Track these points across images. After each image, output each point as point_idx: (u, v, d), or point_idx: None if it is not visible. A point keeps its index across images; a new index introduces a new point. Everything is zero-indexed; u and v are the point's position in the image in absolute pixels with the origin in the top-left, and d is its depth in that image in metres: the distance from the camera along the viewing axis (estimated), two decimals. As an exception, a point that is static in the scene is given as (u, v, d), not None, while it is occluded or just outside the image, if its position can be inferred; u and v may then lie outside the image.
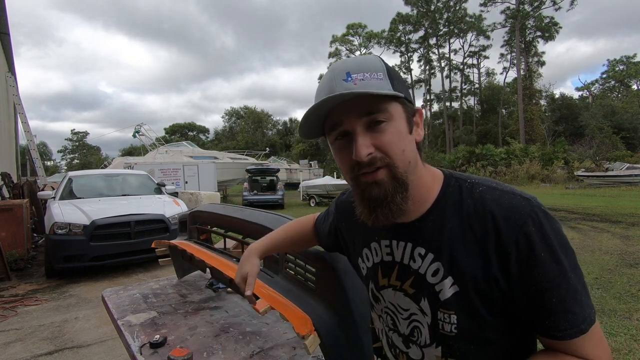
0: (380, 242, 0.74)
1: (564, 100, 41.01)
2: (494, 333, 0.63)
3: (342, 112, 0.61)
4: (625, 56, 43.06)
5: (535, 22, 37.02)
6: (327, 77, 0.64)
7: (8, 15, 10.68)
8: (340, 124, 0.62)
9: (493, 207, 0.60)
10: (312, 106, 0.62)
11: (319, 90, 0.65)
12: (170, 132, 61.31)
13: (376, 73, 0.61)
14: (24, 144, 15.80)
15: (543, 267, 0.56)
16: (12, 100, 12.73)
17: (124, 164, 15.69)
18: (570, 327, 0.56)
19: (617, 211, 9.51)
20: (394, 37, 43.06)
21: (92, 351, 2.94)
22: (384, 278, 0.74)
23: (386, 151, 0.60)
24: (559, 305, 0.56)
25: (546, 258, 0.56)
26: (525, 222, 0.58)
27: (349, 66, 0.62)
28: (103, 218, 5.00)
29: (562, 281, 0.56)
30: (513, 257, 0.58)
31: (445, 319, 0.64)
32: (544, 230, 0.57)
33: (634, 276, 4.25)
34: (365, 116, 0.60)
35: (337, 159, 0.67)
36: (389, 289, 0.73)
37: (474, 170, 24.40)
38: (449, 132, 41.27)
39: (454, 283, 0.62)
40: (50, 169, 50.12)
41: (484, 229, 0.60)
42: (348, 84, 0.60)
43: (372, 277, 0.78)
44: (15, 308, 3.90)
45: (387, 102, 0.60)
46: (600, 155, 23.83)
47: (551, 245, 0.57)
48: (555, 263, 0.57)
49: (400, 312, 0.72)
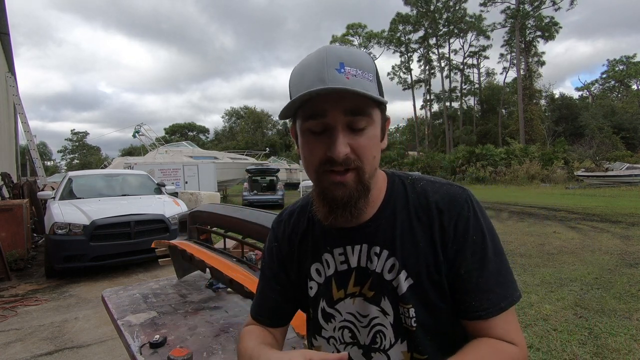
0: (333, 252, 0.71)
1: (564, 100, 41.02)
2: (447, 324, 0.65)
3: (328, 103, 0.57)
4: (625, 56, 43.09)
5: (535, 22, 37.02)
6: (317, 61, 0.59)
7: (8, 16, 10.68)
8: (322, 114, 0.58)
9: (436, 197, 0.66)
10: (300, 94, 0.56)
11: (304, 70, 0.60)
12: (170, 132, 61.30)
13: (368, 73, 0.59)
14: (24, 144, 15.79)
15: (472, 248, 0.62)
16: (12, 100, 12.74)
17: (124, 164, 15.68)
18: (491, 305, 0.61)
19: (617, 211, 9.51)
20: (393, 37, 43.02)
21: (92, 351, 2.94)
22: (340, 290, 0.72)
23: (360, 155, 0.59)
24: (484, 284, 0.61)
25: (477, 240, 0.63)
26: (462, 207, 0.64)
27: (343, 56, 0.58)
28: (103, 218, 5.00)
29: (488, 262, 0.62)
30: (450, 239, 0.63)
31: (405, 313, 0.65)
32: (477, 215, 0.64)
33: (634, 276, 4.25)
34: (350, 115, 0.58)
35: (305, 149, 0.63)
36: (347, 299, 0.71)
37: (474, 170, 24.42)
38: (449, 132, 41.25)
39: (408, 276, 0.64)
40: (50, 169, 50.10)
41: (429, 218, 0.65)
42: (340, 76, 0.56)
43: (323, 294, 0.74)
44: (15, 308, 3.90)
45: (372, 106, 0.60)
46: (600, 155, 23.83)
47: (482, 229, 0.63)
48: (483, 245, 0.63)
49: (360, 320, 0.70)
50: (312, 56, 0.61)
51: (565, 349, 2.65)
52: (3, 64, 12.32)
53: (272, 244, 0.83)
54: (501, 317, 0.61)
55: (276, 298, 0.79)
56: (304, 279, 0.77)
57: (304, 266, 0.76)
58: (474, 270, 0.62)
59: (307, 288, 0.76)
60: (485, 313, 0.61)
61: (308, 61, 0.61)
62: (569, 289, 3.91)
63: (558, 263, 4.93)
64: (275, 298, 0.79)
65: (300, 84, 0.60)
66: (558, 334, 2.87)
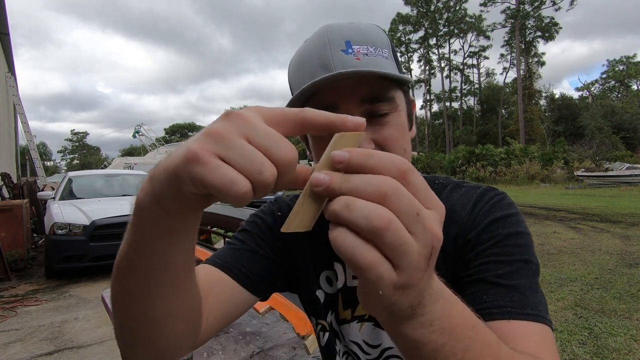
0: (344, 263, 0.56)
1: (564, 100, 41.07)
2: None
3: (338, 93, 0.47)
4: (625, 56, 43.13)
5: (535, 22, 37.05)
6: (319, 43, 0.49)
7: (8, 16, 10.68)
8: (333, 107, 0.47)
9: (462, 200, 0.54)
10: (304, 87, 0.47)
11: (304, 58, 0.50)
12: (170, 133, 61.35)
13: (382, 49, 0.49)
14: (24, 144, 15.79)
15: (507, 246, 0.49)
16: (12, 100, 12.73)
17: (124, 164, 15.70)
18: (512, 305, 0.43)
19: (617, 211, 9.50)
20: (394, 37, 43.06)
21: (92, 351, 2.93)
22: (347, 309, 0.59)
23: (387, 149, 0.48)
24: (508, 278, 0.45)
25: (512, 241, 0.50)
26: (494, 206, 0.52)
27: (349, 34, 0.48)
28: (103, 218, 5.00)
29: (524, 265, 0.47)
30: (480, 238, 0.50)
31: None
32: (509, 218, 0.52)
33: (634, 276, 4.25)
34: (367, 103, 0.48)
35: (317, 149, 0.52)
36: (353, 323, 0.58)
37: (474, 170, 24.40)
38: (448, 132, 41.28)
39: None
40: (50, 169, 50.12)
41: (458, 223, 0.52)
42: (348, 58, 0.46)
43: (332, 307, 0.61)
44: (15, 308, 3.90)
45: (393, 88, 0.49)
46: (600, 155, 23.83)
47: (514, 232, 0.50)
48: (519, 247, 0.49)
49: (368, 351, 0.57)
50: (312, 39, 0.51)
51: (565, 349, 2.65)
52: (3, 64, 12.31)
53: (263, 218, 0.64)
54: (529, 325, 0.42)
55: (255, 258, 0.59)
56: (310, 284, 0.63)
57: (313, 268, 0.63)
58: (497, 263, 0.47)
59: (315, 298, 0.63)
60: (500, 312, 0.43)
61: (307, 46, 0.51)
62: (569, 289, 3.91)
63: (558, 263, 4.93)
64: (254, 258, 0.59)
65: (301, 75, 0.50)
66: (558, 334, 2.87)
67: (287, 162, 0.25)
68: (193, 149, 0.24)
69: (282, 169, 0.25)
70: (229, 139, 0.24)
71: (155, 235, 0.32)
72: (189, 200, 0.27)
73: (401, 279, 0.25)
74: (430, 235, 0.25)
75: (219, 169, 0.23)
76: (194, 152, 0.24)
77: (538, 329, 0.42)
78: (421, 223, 0.25)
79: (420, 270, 0.25)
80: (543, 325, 0.43)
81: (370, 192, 0.24)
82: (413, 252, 0.24)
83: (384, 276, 0.24)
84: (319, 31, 0.50)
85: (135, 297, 0.38)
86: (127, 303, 0.39)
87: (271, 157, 0.25)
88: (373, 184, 0.24)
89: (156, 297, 0.38)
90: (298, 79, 0.51)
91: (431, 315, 0.29)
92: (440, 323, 0.29)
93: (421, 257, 0.25)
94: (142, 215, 0.31)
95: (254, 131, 0.25)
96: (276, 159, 0.25)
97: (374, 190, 0.24)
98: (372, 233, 0.23)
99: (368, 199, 0.24)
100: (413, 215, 0.24)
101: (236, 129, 0.25)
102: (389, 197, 0.24)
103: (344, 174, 0.25)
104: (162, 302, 0.39)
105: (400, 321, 0.29)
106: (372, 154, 0.26)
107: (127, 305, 0.39)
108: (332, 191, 0.25)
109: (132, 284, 0.37)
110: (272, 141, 0.25)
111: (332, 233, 0.25)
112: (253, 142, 0.25)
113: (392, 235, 0.23)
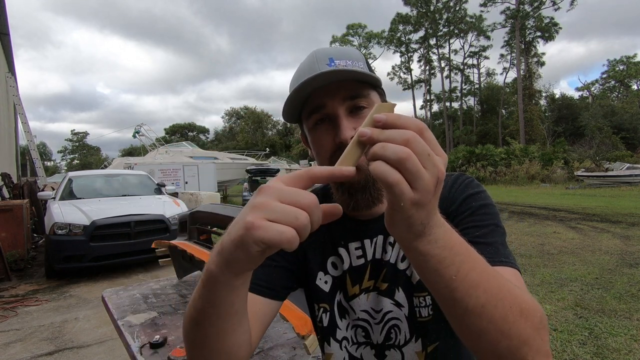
0: (348, 247, 0.71)
1: (564, 100, 41.00)
2: None
3: (325, 95, 0.61)
4: (625, 56, 43.06)
5: (535, 22, 37.03)
6: (308, 62, 0.63)
7: (8, 17, 10.68)
8: (322, 107, 0.62)
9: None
10: (297, 86, 0.59)
11: (299, 74, 0.64)
12: (170, 133, 61.35)
13: (357, 62, 0.63)
14: (24, 145, 15.79)
15: (481, 215, 0.62)
16: (12, 100, 12.73)
17: (124, 164, 15.69)
18: (489, 255, 0.54)
19: (617, 211, 9.50)
20: (394, 37, 43.08)
21: (92, 351, 2.94)
22: (354, 285, 0.71)
23: None
24: (484, 237, 0.58)
25: (483, 212, 0.63)
26: (467, 185, 0.66)
27: (331, 52, 0.63)
28: (103, 218, 5.00)
29: (495, 228, 0.61)
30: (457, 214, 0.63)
31: (421, 303, 0.65)
32: (480, 192, 0.66)
33: (634, 276, 4.25)
34: (349, 100, 0.61)
35: (316, 145, 0.65)
36: (362, 295, 0.70)
37: (474, 170, 24.40)
38: (448, 132, 41.28)
39: None
40: (50, 170, 50.15)
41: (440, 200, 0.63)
42: (331, 69, 0.59)
43: (340, 287, 0.72)
44: (15, 308, 3.90)
45: (369, 89, 0.63)
46: (600, 155, 23.82)
47: (487, 203, 0.64)
48: (492, 215, 0.63)
49: (374, 316, 0.69)
50: (304, 61, 0.66)
51: (565, 349, 2.65)
52: (3, 64, 12.32)
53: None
54: (502, 268, 0.54)
55: (273, 265, 0.70)
56: (316, 273, 0.73)
57: (318, 259, 0.73)
58: (476, 228, 0.60)
59: (320, 285, 0.73)
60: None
61: (301, 65, 0.66)
62: (569, 289, 3.91)
63: (558, 263, 4.93)
64: (270, 271, 0.70)
65: (296, 84, 0.63)
66: (558, 334, 2.87)
67: (312, 205, 0.36)
68: (249, 220, 0.35)
69: (310, 210, 0.35)
70: (268, 204, 0.35)
71: (225, 292, 0.44)
72: (252, 258, 0.37)
73: (416, 195, 0.35)
74: (437, 170, 0.35)
75: (271, 227, 0.34)
76: (250, 222, 0.35)
77: (511, 272, 0.55)
78: (431, 160, 0.35)
79: (430, 193, 0.35)
80: (514, 269, 0.56)
81: (397, 139, 0.35)
82: (425, 178, 0.34)
83: (405, 191, 0.34)
84: (309, 54, 0.65)
85: (211, 337, 0.50)
86: (204, 343, 0.51)
87: (300, 206, 0.35)
88: (400, 134, 0.35)
89: (227, 334, 0.50)
90: (293, 87, 0.64)
91: (436, 235, 0.39)
92: (443, 242, 0.40)
93: (430, 183, 0.35)
94: (215, 280, 0.43)
95: (282, 193, 0.36)
96: (304, 205, 0.35)
97: (400, 137, 0.35)
98: (398, 162, 0.34)
99: (396, 143, 0.35)
100: (425, 155, 0.35)
101: (270, 196, 0.36)
102: (410, 142, 0.35)
103: (379, 129, 0.37)
104: (231, 337, 0.51)
105: (413, 237, 0.39)
106: (400, 117, 0.37)
107: (204, 343, 0.51)
108: (372, 139, 0.36)
109: (208, 328, 0.49)
110: (296, 196, 0.36)
111: (372, 164, 0.35)
112: (285, 201, 0.35)
113: (411, 164, 0.34)
